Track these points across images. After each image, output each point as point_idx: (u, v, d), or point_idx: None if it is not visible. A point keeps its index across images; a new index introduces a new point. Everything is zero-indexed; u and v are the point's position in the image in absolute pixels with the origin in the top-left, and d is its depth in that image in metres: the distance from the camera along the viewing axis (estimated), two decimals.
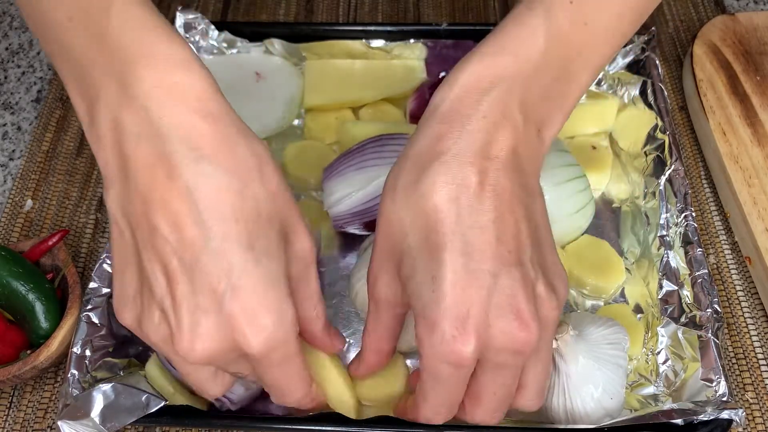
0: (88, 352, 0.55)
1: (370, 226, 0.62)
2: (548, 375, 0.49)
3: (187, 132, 0.42)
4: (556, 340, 0.51)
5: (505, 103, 0.44)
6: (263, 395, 0.55)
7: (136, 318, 0.45)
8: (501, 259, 0.42)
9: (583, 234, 0.63)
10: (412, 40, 0.74)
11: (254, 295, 0.42)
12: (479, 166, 0.43)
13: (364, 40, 0.75)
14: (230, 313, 0.42)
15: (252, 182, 0.43)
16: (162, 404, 0.51)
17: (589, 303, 0.61)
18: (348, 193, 0.61)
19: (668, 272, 0.59)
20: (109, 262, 0.58)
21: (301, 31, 0.76)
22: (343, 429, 0.51)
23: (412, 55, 0.75)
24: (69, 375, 0.53)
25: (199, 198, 0.41)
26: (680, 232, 0.60)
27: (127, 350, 0.57)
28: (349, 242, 0.65)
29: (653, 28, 0.72)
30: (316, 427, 0.51)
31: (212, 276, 0.41)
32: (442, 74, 0.73)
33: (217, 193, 0.42)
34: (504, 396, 0.46)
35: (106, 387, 0.51)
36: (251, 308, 0.42)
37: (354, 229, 0.63)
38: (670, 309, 0.58)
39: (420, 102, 0.70)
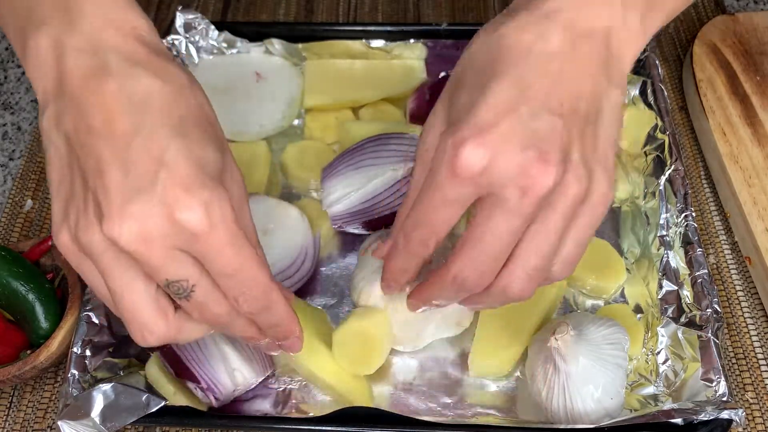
0: (88, 352, 0.55)
1: (370, 225, 0.62)
2: (546, 263, 0.43)
3: (126, 50, 0.42)
4: (557, 339, 0.51)
5: None
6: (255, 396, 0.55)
7: (71, 230, 0.41)
8: (549, 106, 0.41)
9: None
10: (412, 40, 0.75)
11: (190, 172, 0.40)
12: (566, 27, 0.43)
13: (364, 40, 0.75)
14: (164, 188, 0.39)
15: (185, 91, 0.43)
16: (162, 404, 0.51)
17: (589, 303, 0.61)
18: (347, 193, 0.61)
19: (668, 272, 0.59)
20: None
21: (301, 31, 0.76)
22: (344, 429, 0.51)
23: (412, 55, 0.75)
24: (69, 375, 0.53)
25: (133, 94, 0.41)
26: (680, 232, 0.60)
27: (127, 350, 0.57)
28: (349, 242, 0.65)
29: None
30: (316, 427, 0.51)
31: (144, 158, 0.40)
32: (443, 74, 0.73)
33: (149, 91, 0.41)
34: (490, 248, 0.42)
35: (107, 387, 0.51)
36: (188, 183, 0.40)
37: (353, 229, 0.63)
38: (670, 309, 0.58)
39: (420, 102, 0.70)
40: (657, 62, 0.70)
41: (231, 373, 0.54)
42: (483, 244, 0.42)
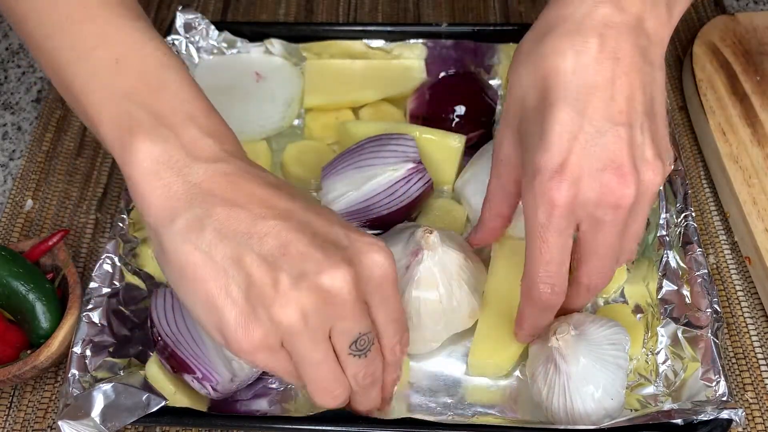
0: (88, 352, 0.55)
1: (371, 224, 0.62)
2: (640, 235, 0.50)
3: (235, 153, 0.46)
4: (558, 339, 0.51)
5: None
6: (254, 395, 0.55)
7: (263, 322, 0.42)
8: (610, 117, 0.44)
9: None
10: (412, 40, 0.75)
11: (364, 233, 0.45)
12: (600, 31, 0.45)
13: (364, 40, 0.75)
14: (354, 243, 0.43)
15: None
16: (162, 404, 0.51)
17: (588, 303, 0.61)
18: (345, 192, 0.61)
19: (668, 272, 0.59)
20: (109, 262, 0.58)
21: (301, 31, 0.76)
22: (344, 429, 0.51)
23: (412, 55, 0.75)
24: (69, 375, 0.53)
25: (269, 181, 0.45)
26: (680, 232, 0.60)
27: (127, 350, 0.57)
28: None
29: None
30: (317, 427, 0.51)
31: (320, 224, 0.44)
32: (442, 74, 0.73)
33: (274, 179, 0.46)
34: (608, 254, 0.48)
35: (107, 387, 0.51)
36: (367, 239, 0.44)
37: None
38: (670, 309, 0.58)
39: (419, 102, 0.70)
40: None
41: (228, 363, 0.54)
42: (600, 255, 0.48)
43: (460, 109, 0.68)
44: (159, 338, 0.55)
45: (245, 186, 0.43)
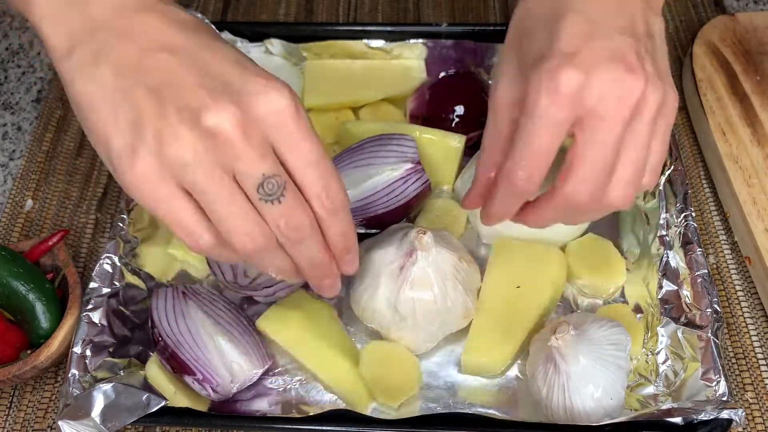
0: (88, 352, 0.55)
1: (368, 223, 0.62)
2: (664, 152, 0.49)
3: None
4: (558, 339, 0.51)
5: None
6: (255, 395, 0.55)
7: (151, 150, 0.41)
8: (618, 28, 0.46)
9: (585, 233, 0.63)
10: (412, 40, 0.74)
11: (263, 71, 0.43)
12: None
13: (364, 40, 0.75)
14: (248, 83, 0.42)
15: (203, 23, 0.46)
16: (162, 404, 0.51)
17: (588, 302, 0.61)
18: None
19: (668, 272, 0.59)
20: (109, 262, 0.58)
21: (301, 31, 0.76)
22: (344, 429, 0.51)
23: (412, 55, 0.75)
24: (69, 375, 0.53)
25: (175, 20, 0.44)
26: (680, 232, 0.60)
27: (127, 350, 0.57)
28: None
29: None
30: (317, 427, 0.51)
31: (216, 63, 0.43)
32: (442, 74, 0.73)
33: (188, 19, 0.45)
34: (598, 160, 0.45)
35: (107, 387, 0.51)
36: (268, 78, 0.43)
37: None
38: (670, 309, 0.58)
39: (420, 102, 0.70)
40: None
41: (228, 366, 0.54)
42: (592, 160, 0.45)
43: (460, 109, 0.68)
44: (160, 339, 0.55)
45: (142, 19, 0.43)
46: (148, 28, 0.43)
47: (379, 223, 0.62)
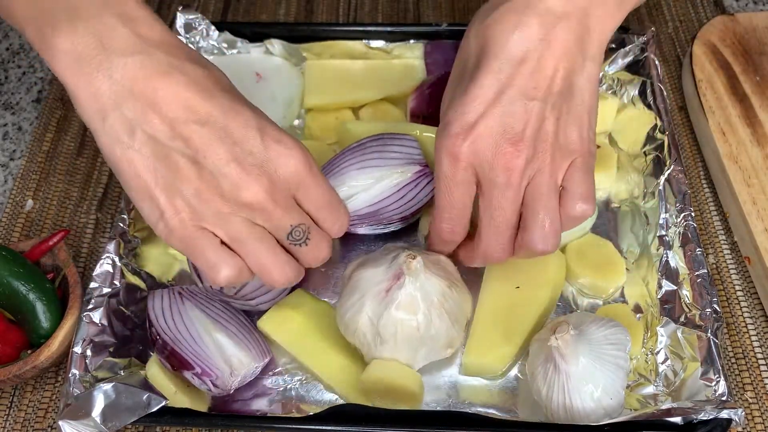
0: (88, 352, 0.55)
1: (388, 224, 0.62)
2: (555, 214, 0.51)
3: (164, 45, 0.48)
4: (557, 339, 0.51)
5: None
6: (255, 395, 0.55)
7: (185, 212, 0.47)
8: (526, 92, 0.49)
9: (586, 233, 0.64)
10: (412, 41, 0.75)
11: (279, 131, 0.50)
12: (542, 15, 0.49)
13: (364, 41, 0.75)
14: (269, 148, 0.48)
15: (216, 71, 0.50)
16: (163, 403, 0.51)
17: (588, 302, 0.61)
18: (352, 194, 0.60)
19: (668, 272, 0.59)
20: (110, 262, 0.58)
21: (301, 32, 0.76)
22: (343, 428, 0.51)
23: (412, 55, 0.75)
24: (70, 374, 0.53)
25: (197, 81, 0.47)
26: (679, 232, 0.60)
27: (127, 350, 0.58)
28: (357, 240, 0.65)
29: (653, 29, 0.72)
30: (317, 427, 0.51)
31: (241, 129, 0.48)
32: (443, 72, 0.73)
33: (206, 75, 0.48)
34: (502, 222, 0.51)
35: (107, 386, 0.51)
36: (284, 139, 0.49)
37: (362, 230, 0.62)
38: (670, 309, 0.58)
39: (420, 101, 0.70)
40: (656, 62, 0.70)
41: (227, 359, 0.54)
42: (494, 221, 0.52)
43: None
44: (158, 337, 0.55)
45: (166, 88, 0.46)
46: (174, 98, 0.46)
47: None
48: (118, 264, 0.59)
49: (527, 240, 0.52)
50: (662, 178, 0.63)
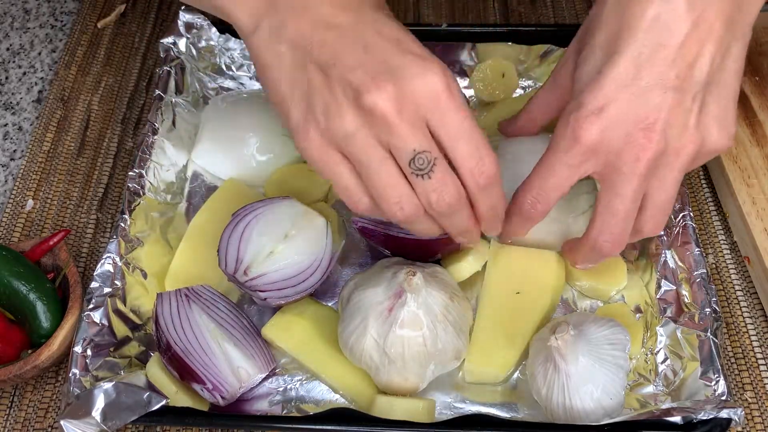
0: (89, 352, 0.55)
1: (389, 242, 0.60)
2: (670, 205, 0.51)
3: None
4: (557, 339, 0.51)
5: None
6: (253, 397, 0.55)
7: (319, 124, 0.46)
8: (664, 80, 0.47)
9: None
10: None
11: (420, 47, 0.47)
12: None
13: None
14: (406, 60, 0.45)
15: None
16: (163, 402, 0.51)
17: (588, 303, 0.61)
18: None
19: (667, 272, 0.59)
20: (110, 262, 0.58)
21: None
22: (344, 429, 0.51)
23: None
24: (70, 374, 0.53)
25: None
26: (679, 232, 0.60)
27: (128, 350, 0.58)
28: (366, 248, 0.65)
29: None
30: (317, 427, 0.51)
31: (378, 39, 0.46)
32: None
33: None
34: (620, 211, 0.49)
35: (108, 386, 0.51)
36: (424, 56, 0.46)
37: (375, 243, 0.61)
38: (669, 309, 0.58)
39: None
40: None
41: (236, 371, 0.54)
42: (611, 209, 0.50)
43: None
44: (168, 347, 0.54)
45: None
46: (317, 4, 0.47)
47: (395, 250, 0.60)
48: (119, 264, 0.59)
49: (640, 228, 0.51)
50: None
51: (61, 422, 0.50)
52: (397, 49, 0.46)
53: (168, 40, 0.73)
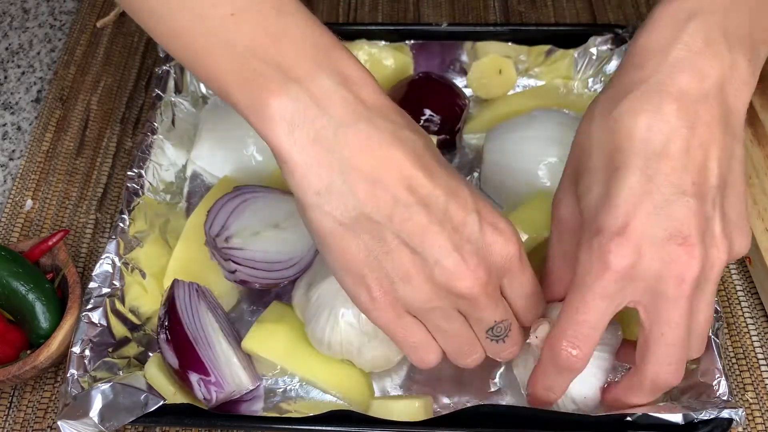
0: (87, 352, 0.55)
1: None
2: (709, 325, 0.48)
3: (377, 106, 0.44)
4: (536, 337, 0.51)
5: (706, 31, 0.44)
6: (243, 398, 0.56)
7: (395, 296, 0.45)
8: (681, 188, 0.43)
9: None
10: (411, 41, 0.74)
11: (493, 211, 0.46)
12: (678, 97, 0.43)
13: (363, 40, 0.74)
14: (486, 233, 0.45)
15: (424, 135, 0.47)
16: (161, 403, 0.50)
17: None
18: None
19: None
20: (109, 262, 0.58)
21: None
22: (345, 429, 0.51)
23: (410, 55, 0.75)
24: (68, 375, 0.53)
25: (413, 150, 0.43)
26: None
27: (126, 350, 0.57)
28: None
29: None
30: (317, 427, 0.51)
31: (459, 211, 0.44)
32: (414, 77, 0.73)
33: (422, 144, 0.45)
34: (676, 339, 0.45)
35: (105, 386, 0.51)
36: (497, 222, 0.46)
37: None
38: None
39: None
40: None
41: (234, 374, 0.54)
42: (665, 339, 0.45)
43: (429, 112, 0.68)
44: (180, 330, 0.54)
45: (387, 159, 0.43)
46: (398, 175, 0.43)
47: None
48: (118, 264, 0.59)
49: (644, 367, 0.46)
50: None
51: (59, 423, 0.50)
52: (480, 224, 0.44)
53: None
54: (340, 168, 0.42)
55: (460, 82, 0.74)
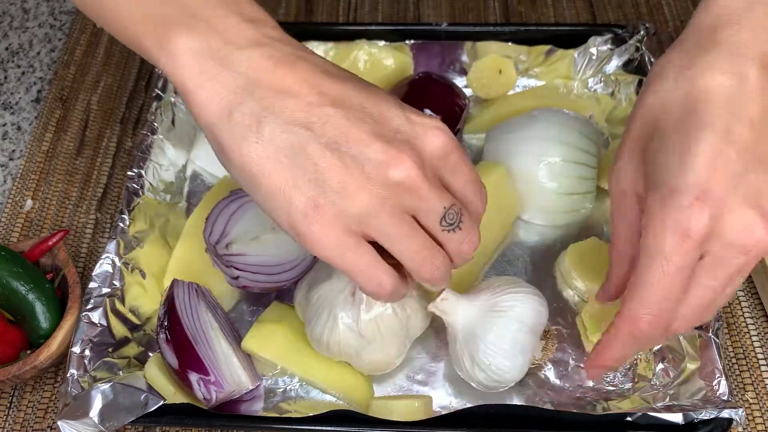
0: (87, 352, 0.55)
1: None
2: (728, 299, 0.47)
3: (282, 37, 0.45)
4: (435, 306, 0.52)
5: None
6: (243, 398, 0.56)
7: (313, 201, 0.42)
8: (758, 156, 0.42)
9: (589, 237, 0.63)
10: (411, 41, 0.74)
11: (420, 112, 0.46)
12: (761, 60, 0.42)
13: (363, 40, 0.74)
14: (415, 125, 0.44)
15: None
16: (161, 403, 0.51)
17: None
18: None
19: None
20: (109, 262, 0.58)
21: (301, 31, 0.76)
22: (345, 429, 0.51)
23: (409, 55, 0.75)
24: (68, 375, 0.53)
25: (316, 67, 0.44)
26: None
27: (126, 350, 0.57)
28: None
29: (647, 24, 0.72)
30: (317, 427, 0.51)
31: (382, 107, 0.44)
32: (414, 77, 0.73)
33: (323, 62, 0.45)
34: (710, 300, 0.44)
35: (105, 386, 0.51)
36: (426, 117, 0.45)
37: None
38: None
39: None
40: (652, 59, 0.70)
41: (234, 374, 0.54)
42: (698, 297, 0.44)
43: (428, 112, 0.68)
44: (180, 329, 0.54)
45: (294, 71, 0.43)
46: (304, 82, 0.43)
47: None
48: (118, 264, 0.59)
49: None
50: None
51: (59, 423, 0.50)
52: (401, 113, 0.44)
53: None
54: (247, 87, 0.42)
55: (460, 82, 0.74)
